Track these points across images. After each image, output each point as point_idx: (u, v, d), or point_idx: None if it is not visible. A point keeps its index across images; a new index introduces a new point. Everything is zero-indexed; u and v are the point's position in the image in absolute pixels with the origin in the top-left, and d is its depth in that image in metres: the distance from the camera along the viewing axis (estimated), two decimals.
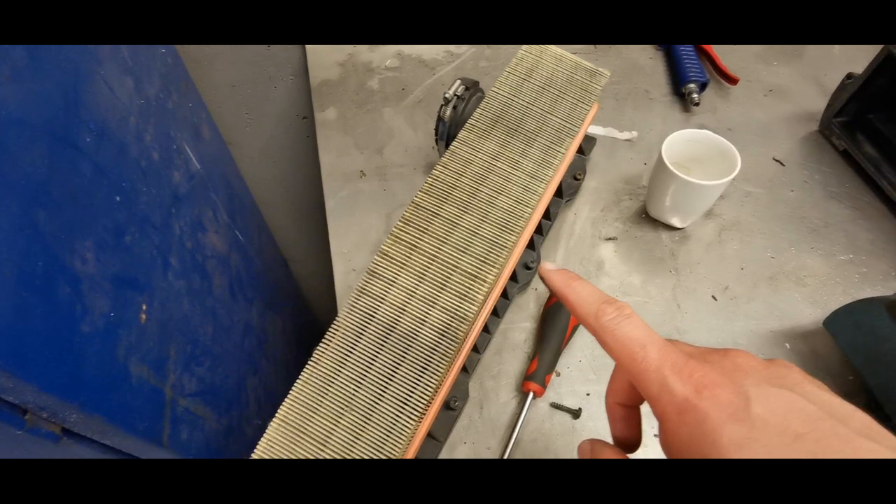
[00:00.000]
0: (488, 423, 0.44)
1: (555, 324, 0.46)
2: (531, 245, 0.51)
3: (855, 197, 0.57)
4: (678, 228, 0.55)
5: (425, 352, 0.34)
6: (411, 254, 0.37)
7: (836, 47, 0.72)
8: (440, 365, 0.34)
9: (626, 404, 0.26)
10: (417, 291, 0.36)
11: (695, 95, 0.65)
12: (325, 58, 0.73)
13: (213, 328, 0.57)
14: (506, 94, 0.45)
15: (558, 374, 0.47)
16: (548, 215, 0.53)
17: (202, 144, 0.68)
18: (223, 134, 0.81)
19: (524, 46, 0.48)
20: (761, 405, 0.18)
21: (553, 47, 0.49)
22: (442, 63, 0.72)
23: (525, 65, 0.47)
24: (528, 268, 0.51)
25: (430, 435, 0.40)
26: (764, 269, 0.52)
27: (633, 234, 0.55)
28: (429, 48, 0.73)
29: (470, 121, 0.43)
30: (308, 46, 0.74)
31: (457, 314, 0.35)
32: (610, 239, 0.55)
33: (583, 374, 0.47)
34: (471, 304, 0.36)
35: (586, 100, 0.46)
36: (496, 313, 0.48)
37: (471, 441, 0.43)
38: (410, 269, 0.37)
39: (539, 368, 0.44)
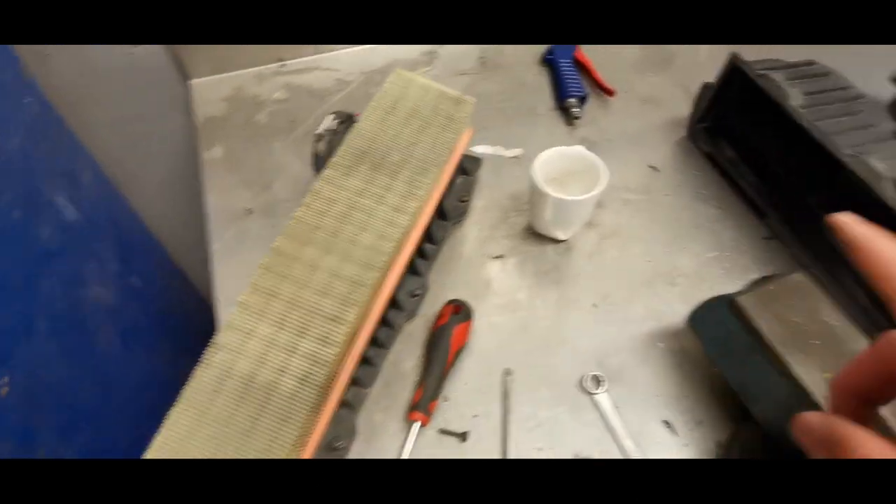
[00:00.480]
0: (377, 458, 0.44)
1: (437, 349, 0.47)
2: (416, 272, 0.52)
3: (720, 197, 0.62)
4: (562, 240, 0.58)
5: (285, 402, 0.34)
6: (270, 302, 0.37)
7: (702, 55, 0.78)
8: (301, 413, 0.34)
9: (864, 398, 0.21)
10: (277, 340, 0.36)
11: (575, 109, 0.68)
12: (210, 93, 0.71)
13: (99, 388, 0.54)
14: (371, 129, 0.46)
15: (446, 399, 0.47)
16: (433, 240, 0.54)
17: (82, 191, 0.65)
18: (115, 176, 0.78)
19: (389, 78, 0.49)
20: None
21: (418, 78, 0.50)
22: (332, 92, 0.72)
23: (390, 97, 0.48)
24: (413, 296, 0.51)
25: None
26: (641, 273, 0.55)
27: (520, 249, 0.57)
28: (318, 77, 0.73)
29: (334, 158, 0.44)
30: (193, 82, 0.72)
31: (317, 359, 0.35)
32: (497, 257, 0.57)
33: (469, 397, 0.48)
34: (332, 347, 0.36)
35: (451, 128, 0.47)
36: (382, 345, 0.48)
37: None
38: (269, 318, 0.36)
39: (423, 397, 0.45)
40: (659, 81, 0.74)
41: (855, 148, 0.50)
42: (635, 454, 0.44)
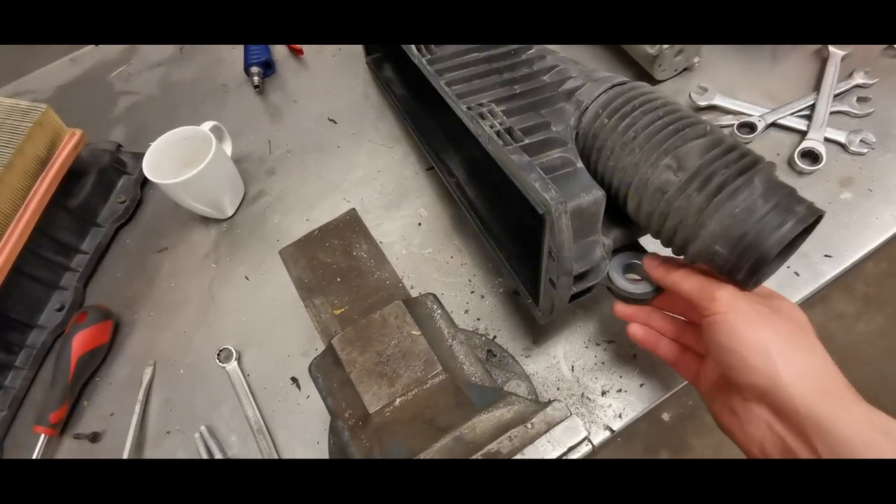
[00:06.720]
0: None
1: (59, 360, 0.47)
2: (59, 286, 0.52)
3: (391, 137, 0.60)
4: (226, 219, 0.57)
5: None
6: None
7: None
8: None
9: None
10: None
11: (255, 78, 0.66)
12: None
13: None
14: None
15: (87, 403, 0.48)
16: (78, 249, 0.54)
17: None
18: None
19: None
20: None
21: None
22: None
23: None
24: (59, 310, 0.52)
25: None
26: (298, 232, 0.54)
27: (184, 237, 0.57)
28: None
29: None
30: None
31: None
32: (161, 251, 0.56)
33: (110, 396, 0.48)
34: None
35: (14, 142, 0.46)
36: (18, 367, 0.49)
37: None
38: None
39: (45, 409, 0.46)
40: None
41: None
42: (253, 420, 0.45)
